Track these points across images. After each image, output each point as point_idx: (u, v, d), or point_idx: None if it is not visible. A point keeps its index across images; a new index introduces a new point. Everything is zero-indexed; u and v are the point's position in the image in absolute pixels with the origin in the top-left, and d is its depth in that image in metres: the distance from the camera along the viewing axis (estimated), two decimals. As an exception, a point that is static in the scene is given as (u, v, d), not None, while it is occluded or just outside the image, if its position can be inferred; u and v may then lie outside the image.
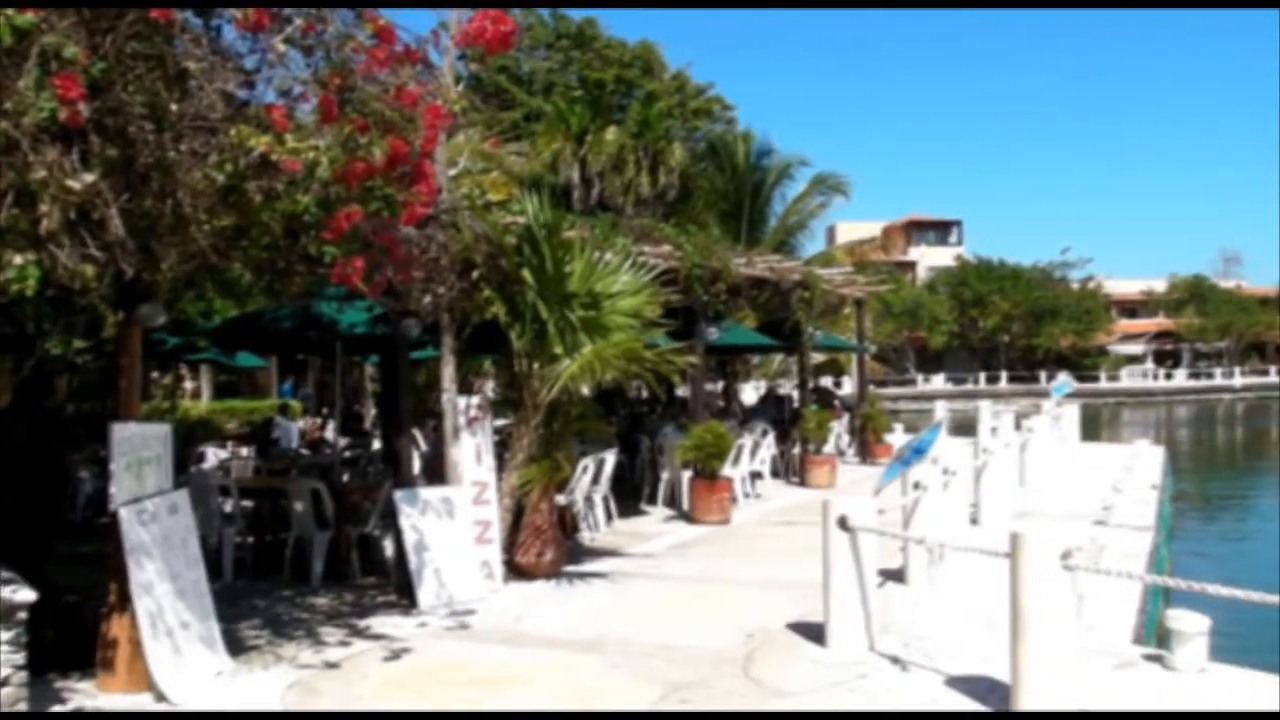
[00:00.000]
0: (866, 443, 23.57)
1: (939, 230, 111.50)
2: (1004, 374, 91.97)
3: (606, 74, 46.61)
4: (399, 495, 10.40)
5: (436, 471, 11.33)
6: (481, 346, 13.31)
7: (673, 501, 16.36)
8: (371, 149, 7.13)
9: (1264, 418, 70.10)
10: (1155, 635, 9.32)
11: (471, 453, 10.95)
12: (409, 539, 10.20)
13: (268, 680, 7.77)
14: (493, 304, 10.89)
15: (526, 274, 10.78)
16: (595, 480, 14.06)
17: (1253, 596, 5.80)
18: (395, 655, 8.45)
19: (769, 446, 18.28)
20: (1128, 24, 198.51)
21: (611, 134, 35.95)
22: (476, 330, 11.34)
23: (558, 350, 10.73)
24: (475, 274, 10.82)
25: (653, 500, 16.85)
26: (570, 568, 11.59)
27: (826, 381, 50.37)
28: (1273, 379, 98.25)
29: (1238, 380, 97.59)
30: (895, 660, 7.98)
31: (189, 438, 19.30)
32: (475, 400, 11.21)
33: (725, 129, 47.08)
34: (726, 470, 15.69)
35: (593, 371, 10.67)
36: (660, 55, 49.72)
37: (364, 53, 7.08)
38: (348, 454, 16.96)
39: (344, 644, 8.79)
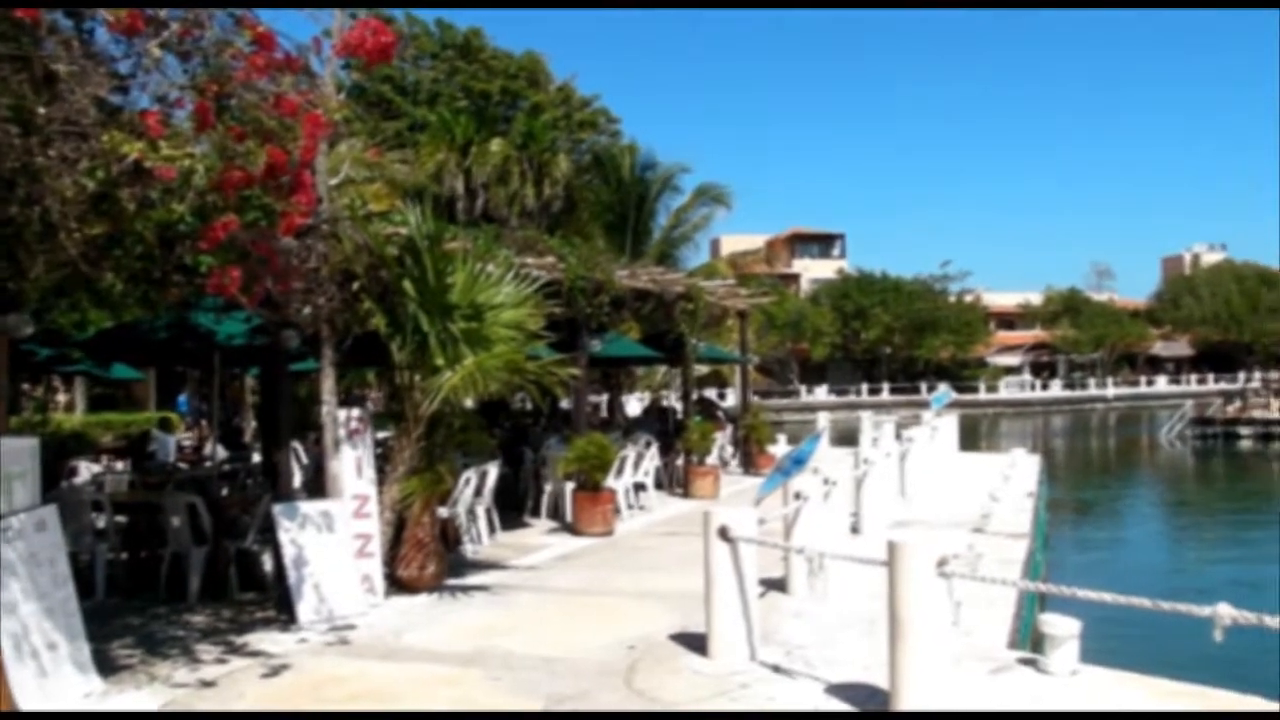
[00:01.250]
0: (750, 454, 23.71)
1: (822, 243, 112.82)
2: (886, 385, 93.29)
3: (492, 85, 46.46)
4: (278, 509, 10.24)
5: (317, 485, 11.19)
6: (364, 358, 13.18)
7: (556, 514, 16.32)
8: (250, 157, 7.03)
9: (1135, 426, 71.93)
10: (1030, 639, 9.49)
11: (352, 466, 10.81)
12: (288, 553, 10.05)
13: (140, 701, 7.59)
14: (374, 315, 10.79)
15: (408, 285, 10.69)
16: (478, 493, 13.98)
17: (1120, 600, 5.94)
18: (274, 672, 8.31)
19: (652, 458, 18.31)
20: (1000, 41, 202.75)
21: (496, 145, 35.88)
22: (358, 342, 11.20)
23: (439, 362, 10.65)
24: (356, 285, 10.70)
25: (536, 512, 16.80)
26: (452, 581, 11.51)
27: (710, 393, 50.54)
28: (1144, 389, 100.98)
29: (1110, 390, 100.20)
30: (777, 669, 8.03)
31: (61, 451, 18.82)
32: (356, 413, 11.08)
33: (611, 141, 47.21)
34: (610, 482, 15.69)
35: (474, 383, 10.60)
36: (546, 67, 49.69)
37: (243, 59, 6.99)
38: (226, 467, 16.68)
39: (221, 661, 8.62)
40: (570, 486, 15.55)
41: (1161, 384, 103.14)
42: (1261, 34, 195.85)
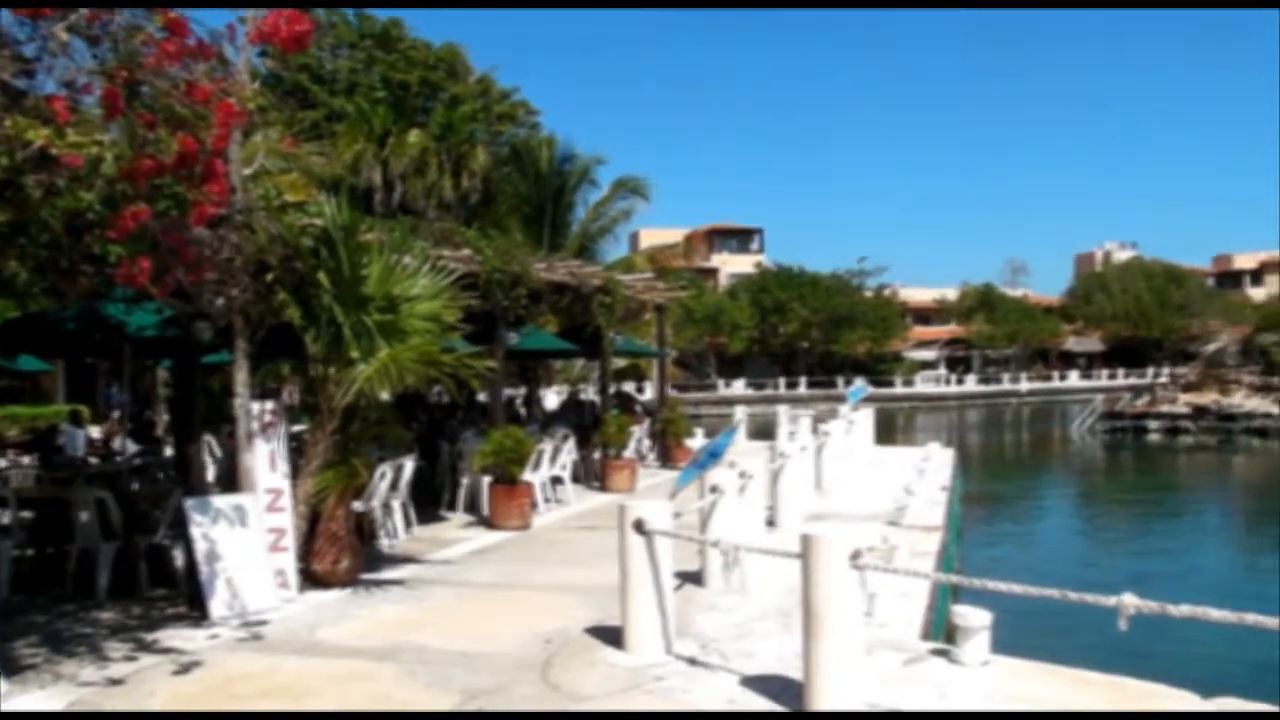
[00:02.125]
0: (667, 447, 23.77)
1: (740, 238, 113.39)
2: (803, 379, 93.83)
3: (411, 76, 46.16)
4: (189, 503, 10.09)
5: (230, 479, 11.05)
6: (279, 351, 13.03)
7: (473, 507, 16.24)
8: (161, 146, 6.92)
9: (1048, 421, 73.03)
10: (944, 630, 9.59)
11: (266, 459, 10.68)
12: (200, 548, 9.92)
13: (45, 700, 7.45)
14: (288, 307, 10.66)
15: (322, 277, 10.58)
16: (394, 486, 13.88)
17: (1029, 591, 6.02)
18: (184, 669, 8.19)
19: (570, 451, 18.28)
20: (918, 37, 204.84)
21: (414, 136, 35.69)
22: (273, 334, 11.07)
23: (354, 354, 10.55)
24: (270, 276, 10.56)
25: (453, 506, 16.72)
26: (368, 575, 11.42)
27: (629, 386, 50.62)
28: (1056, 384, 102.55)
29: (1024, 385, 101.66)
30: (692, 662, 8.05)
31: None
32: (270, 405, 10.95)
33: (529, 134, 47.05)
34: (527, 475, 15.65)
35: (389, 376, 10.52)
36: (466, 58, 49.47)
37: (154, 45, 6.86)
38: (138, 461, 16.42)
39: (130, 659, 8.48)
40: (487, 480, 15.49)
41: (1074, 379, 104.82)
42: (1173, 34, 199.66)
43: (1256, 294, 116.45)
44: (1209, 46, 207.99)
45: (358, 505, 12.29)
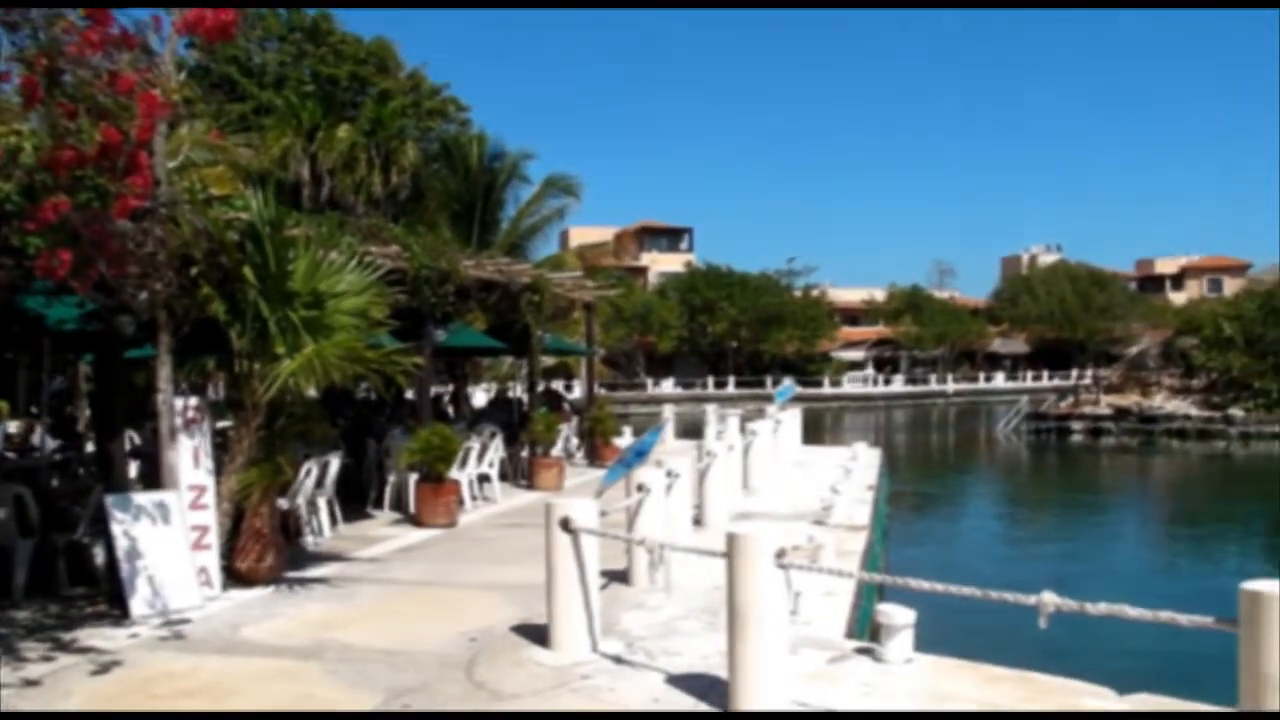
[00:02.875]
0: (595, 445, 23.77)
1: (670, 237, 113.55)
2: (732, 378, 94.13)
3: (340, 70, 45.81)
4: (110, 500, 9.95)
5: (153, 475, 10.90)
6: (204, 346, 12.86)
7: (399, 505, 16.16)
8: (82, 136, 6.81)
9: (974, 421, 73.77)
10: (868, 629, 9.66)
11: (189, 455, 10.55)
12: (120, 546, 9.77)
13: (-42, 699, 7.31)
14: (213, 302, 10.53)
15: (248, 271, 10.46)
16: (319, 484, 13.76)
17: (951, 590, 6.08)
18: (103, 669, 8.06)
19: (497, 449, 18.23)
20: (848, 39, 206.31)
21: (344, 131, 35.43)
22: (197, 329, 10.92)
23: (280, 350, 10.44)
24: (195, 270, 10.42)
25: (379, 504, 16.59)
26: (292, 573, 11.31)
27: (557, 385, 50.52)
28: (982, 385, 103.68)
29: (951, 386, 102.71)
30: (618, 660, 8.05)
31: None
32: (193, 401, 10.82)
33: (459, 130, 46.83)
34: (454, 473, 15.60)
35: (313, 371, 10.43)
36: (396, 53, 49.19)
37: (76, 34, 6.75)
38: (58, 457, 16.15)
39: (47, 659, 8.33)
40: (413, 478, 15.41)
41: (999, 380, 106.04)
42: (1099, 40, 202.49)
43: (1177, 298, 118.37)
44: (1134, 53, 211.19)
45: (283, 502, 12.17)
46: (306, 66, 46.19)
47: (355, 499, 16.37)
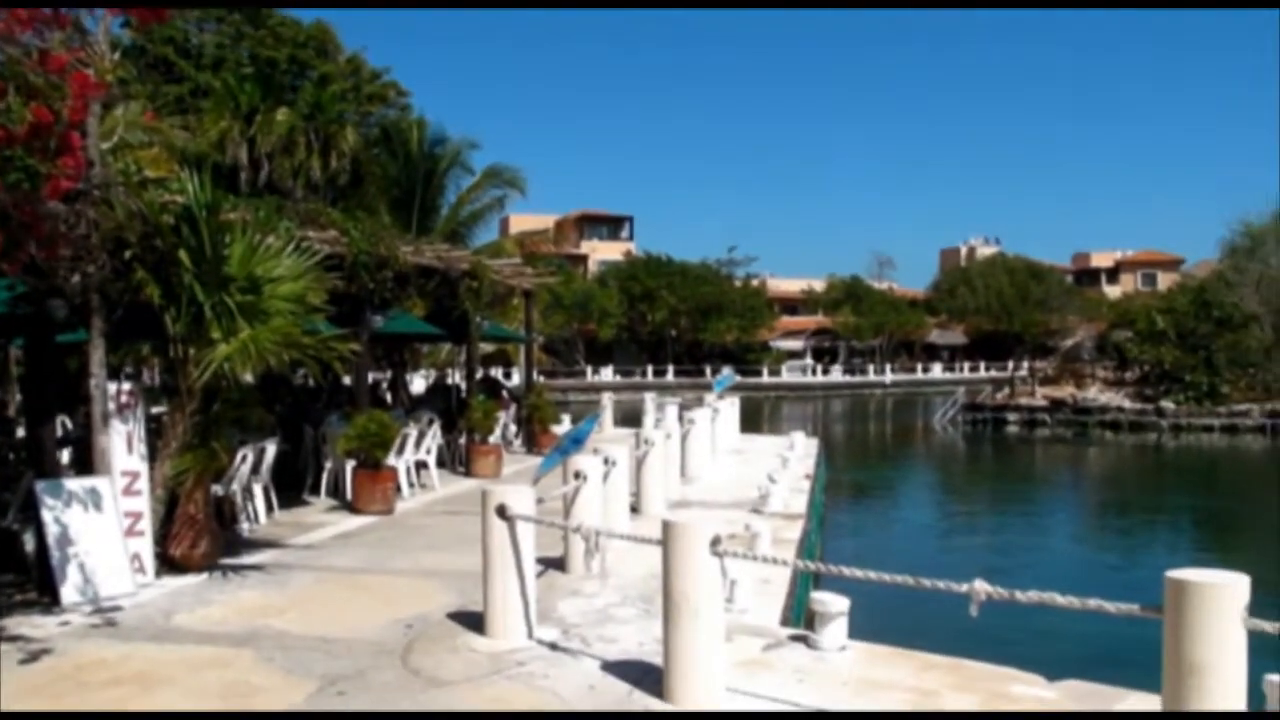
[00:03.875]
0: (533, 433, 23.76)
1: (610, 225, 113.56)
2: (671, 367, 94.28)
3: (279, 53, 45.37)
4: (41, 486, 9.81)
5: (85, 461, 10.77)
6: (138, 331, 12.71)
7: (336, 492, 16.07)
8: (11, 115, 6.70)
9: (911, 411, 74.34)
10: (804, 616, 9.73)
11: (122, 441, 10.44)
12: (51, 532, 9.65)
13: (-118, 688, 7.19)
14: (147, 286, 10.40)
15: (184, 255, 10.35)
16: (255, 470, 13.66)
17: (885, 578, 6.14)
18: (32, 657, 7.96)
19: (435, 436, 18.16)
20: (787, 28, 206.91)
21: (283, 115, 35.05)
22: (133, 313, 10.79)
23: (215, 335, 10.34)
24: (129, 254, 10.30)
25: (316, 491, 16.49)
26: (227, 560, 11.22)
27: (496, 372, 50.39)
28: (920, 375, 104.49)
29: (888, 376, 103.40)
30: (554, 647, 8.06)
31: None
32: (127, 386, 10.70)
33: (400, 115, 46.50)
34: (391, 460, 15.53)
35: (249, 356, 10.33)
36: (336, 37, 48.78)
37: (4, 12, 6.64)
38: (-14, 442, 15.92)
39: (-27, 646, 8.23)
40: (351, 464, 15.33)
41: (937, 371, 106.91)
42: (1041, 39, 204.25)
43: (1112, 291, 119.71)
44: (1071, 51, 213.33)
45: (217, 489, 12.08)
46: (245, 49, 45.70)
47: (292, 485, 16.26)
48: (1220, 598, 4.87)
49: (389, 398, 25.04)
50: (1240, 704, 4.96)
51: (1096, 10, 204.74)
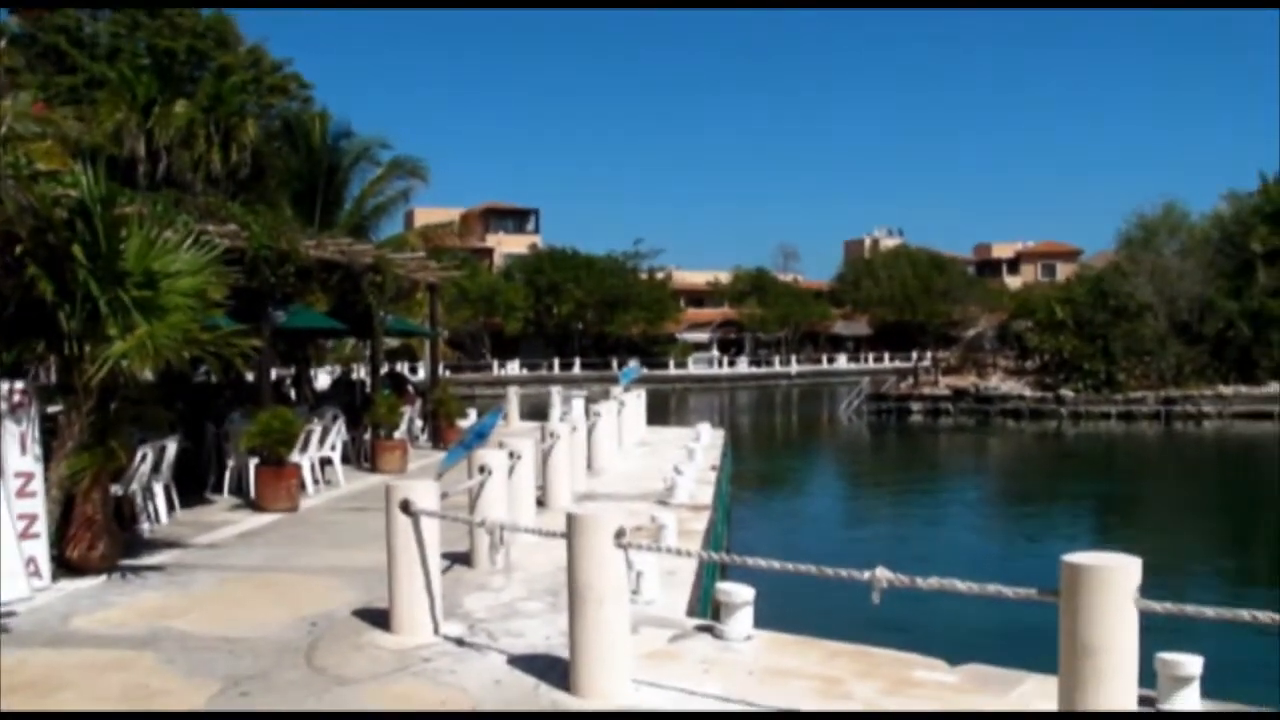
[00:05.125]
0: (439, 427, 23.62)
1: (516, 218, 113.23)
2: (577, 360, 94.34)
3: (178, 43, 44.51)
4: (-70, 488, 9.59)
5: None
6: (31, 328, 12.43)
7: (240, 490, 15.86)
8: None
9: (816, 402, 74.99)
10: (710, 607, 9.78)
11: (15, 442, 10.20)
12: (-59, 535, 9.43)
13: None
14: (40, 282, 10.18)
15: (78, 250, 10.12)
16: (156, 469, 13.43)
17: (789, 567, 6.20)
18: (-78, 665, 7.77)
19: (340, 432, 18.00)
20: (691, 22, 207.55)
21: (181, 106, 34.42)
22: (25, 310, 10.56)
23: (111, 331, 10.15)
24: (19, 249, 10.08)
25: (219, 489, 16.26)
26: (127, 561, 11.02)
27: (402, 367, 50.05)
28: (825, 366, 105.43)
29: (794, 367, 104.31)
30: (460, 643, 8.03)
31: None
32: (19, 385, 10.47)
33: (302, 108, 45.91)
34: (295, 457, 15.37)
35: (146, 353, 10.15)
36: (235, 28, 48.00)
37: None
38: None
39: None
40: (254, 462, 15.15)
41: (842, 362, 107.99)
42: (946, 34, 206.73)
43: (1013, 282, 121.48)
44: (974, 47, 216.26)
45: (116, 489, 11.85)
46: (141, 39, 44.75)
47: (194, 484, 16.01)
48: (1113, 580, 4.98)
49: (293, 394, 24.74)
50: (1133, 683, 5.08)
51: (999, 9, 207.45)
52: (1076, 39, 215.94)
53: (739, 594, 7.93)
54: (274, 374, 20.74)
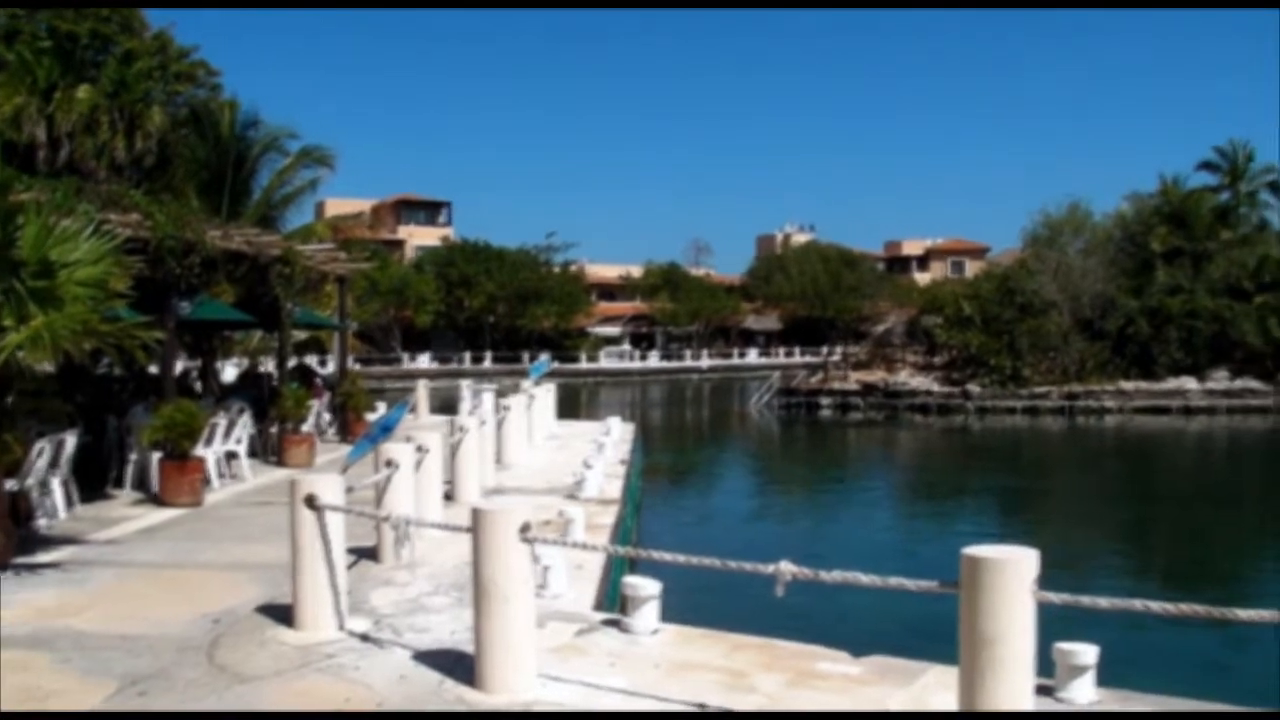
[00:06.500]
0: (347, 421, 23.39)
1: (428, 210, 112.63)
2: (489, 354, 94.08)
3: (80, 27, 43.46)
4: None
5: None
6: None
7: (142, 484, 15.57)
8: None
9: (727, 396, 75.36)
10: (618, 601, 9.78)
11: (-95, 435, 9.97)
12: None
13: None
14: (-69, 271, 9.95)
15: (-29, 239, 9.92)
16: (54, 463, 13.14)
17: (694, 561, 6.22)
18: None
19: (246, 425, 17.76)
20: (603, 18, 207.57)
21: (84, 92, 33.80)
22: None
23: (6, 322, 9.91)
24: (-90, 238, 9.85)
25: (120, 484, 15.96)
26: (22, 559, 10.76)
27: (310, 360, 49.48)
28: (736, 361, 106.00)
29: (705, 362, 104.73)
30: (365, 638, 7.95)
31: None
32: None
33: (210, 96, 45.19)
34: (199, 450, 15.13)
35: (43, 345, 9.93)
36: (141, 12, 47.12)
37: None
38: None
39: None
40: (157, 456, 14.89)
41: (753, 356, 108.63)
42: (856, 29, 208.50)
43: (922, 278, 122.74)
44: (883, 47, 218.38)
45: (12, 484, 11.58)
46: (42, 21, 43.77)
47: (95, 479, 15.71)
48: (1010, 572, 5.06)
49: (198, 387, 24.38)
50: (1030, 672, 5.16)
51: (911, 8, 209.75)
52: (984, 37, 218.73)
53: (645, 588, 7.94)
54: (179, 366, 20.45)
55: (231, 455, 17.21)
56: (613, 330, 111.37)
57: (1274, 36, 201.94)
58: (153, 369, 23.01)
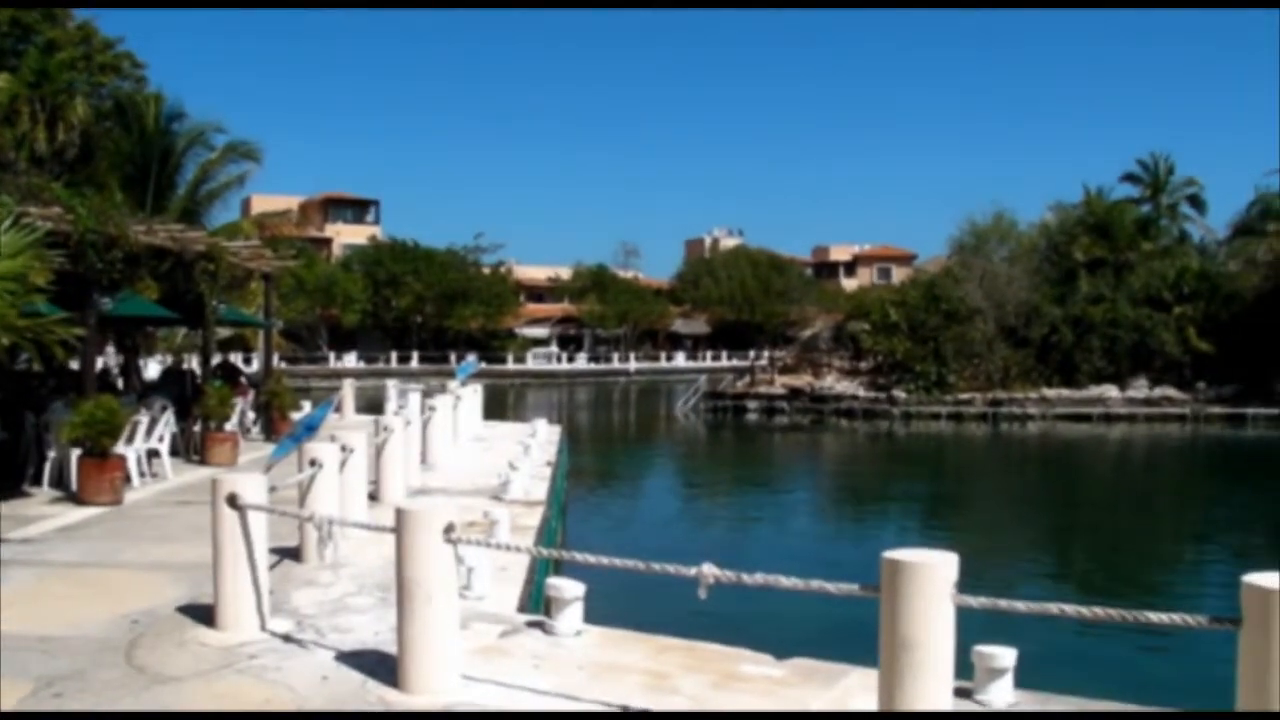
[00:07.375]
0: (272, 420, 23.20)
1: (356, 209, 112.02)
2: (415, 354, 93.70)
3: (-1, 15, 42.97)
4: None
5: None
6: None
7: (60, 482, 15.35)
8: None
9: (655, 399, 75.57)
10: (542, 603, 9.78)
11: None
12: None
13: None
14: None
15: (-112, 231, 9.75)
16: (-31, 460, 12.97)
17: (617, 563, 6.25)
18: None
19: (168, 423, 17.55)
20: (531, 17, 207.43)
21: (4, 81, 33.30)
22: None
23: (-77, 317, 9.79)
24: None
25: (38, 481, 15.71)
26: (-66, 556, 10.61)
27: (235, 358, 49.02)
28: (664, 364, 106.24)
29: (633, 364, 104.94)
30: (287, 639, 7.90)
31: None
32: None
33: (135, 88, 44.64)
34: (120, 448, 14.93)
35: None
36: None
37: None
38: None
39: None
40: (76, 453, 14.68)
41: (680, 360, 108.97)
42: (784, 36, 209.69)
43: (849, 284, 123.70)
44: (811, 51, 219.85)
45: (-75, 480, 11.43)
46: (-40, 10, 43.13)
47: (12, 477, 15.49)
48: (930, 576, 5.12)
49: (120, 383, 24.08)
50: (949, 675, 5.22)
51: (828, 10, 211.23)
52: (914, 43, 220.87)
53: (569, 589, 7.95)
54: (100, 363, 20.18)
55: (153, 453, 17.00)
56: (540, 332, 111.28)
57: (1199, 43, 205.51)
58: (74, 365, 22.72)
